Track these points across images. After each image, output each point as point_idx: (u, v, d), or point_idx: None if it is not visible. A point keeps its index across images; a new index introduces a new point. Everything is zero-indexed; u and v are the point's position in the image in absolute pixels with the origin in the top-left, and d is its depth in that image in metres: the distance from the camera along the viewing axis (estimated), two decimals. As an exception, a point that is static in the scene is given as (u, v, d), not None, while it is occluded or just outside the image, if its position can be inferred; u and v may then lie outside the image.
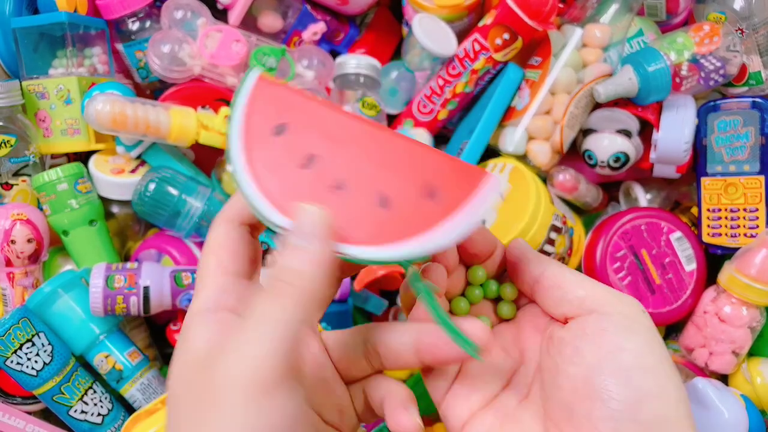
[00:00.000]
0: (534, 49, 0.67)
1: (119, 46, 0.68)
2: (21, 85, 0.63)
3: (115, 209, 0.66)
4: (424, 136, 0.68)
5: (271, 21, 0.68)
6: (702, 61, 0.62)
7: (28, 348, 0.56)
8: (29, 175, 0.63)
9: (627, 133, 0.64)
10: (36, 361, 0.56)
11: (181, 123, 0.60)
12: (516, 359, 0.33)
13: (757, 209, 0.62)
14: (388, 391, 0.32)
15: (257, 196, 0.27)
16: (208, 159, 0.67)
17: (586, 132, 0.66)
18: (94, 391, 0.60)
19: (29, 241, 0.59)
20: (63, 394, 0.58)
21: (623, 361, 0.27)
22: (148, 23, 0.66)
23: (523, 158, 0.65)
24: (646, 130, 0.66)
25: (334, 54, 0.70)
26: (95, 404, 0.59)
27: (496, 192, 0.28)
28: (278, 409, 0.24)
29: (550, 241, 0.62)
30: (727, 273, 0.59)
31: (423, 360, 0.31)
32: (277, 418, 0.24)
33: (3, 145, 0.61)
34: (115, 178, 0.63)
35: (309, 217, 0.26)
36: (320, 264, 0.26)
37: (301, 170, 0.28)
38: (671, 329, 0.68)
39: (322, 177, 0.28)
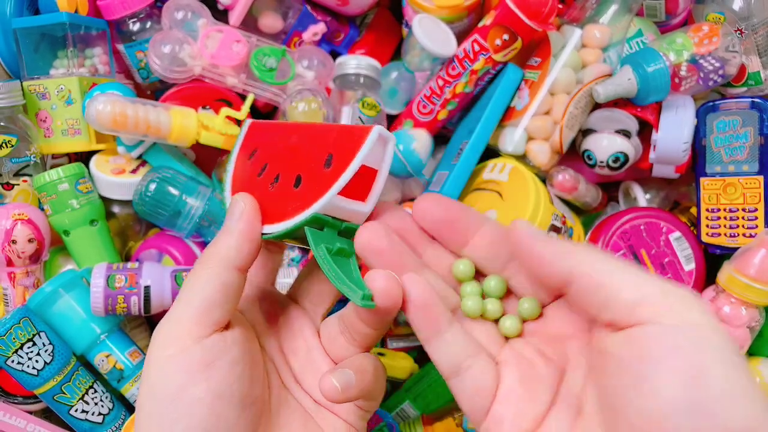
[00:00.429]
0: (533, 50, 0.67)
1: (120, 47, 0.68)
2: (22, 85, 0.63)
3: (115, 209, 0.66)
4: (424, 137, 0.68)
5: (271, 21, 0.68)
6: (701, 61, 0.62)
7: (29, 347, 0.56)
8: (30, 175, 0.63)
9: (626, 134, 0.64)
10: (37, 361, 0.57)
11: (182, 123, 0.60)
12: (557, 364, 0.30)
13: (756, 209, 0.62)
14: (351, 361, 0.33)
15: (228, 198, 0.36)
16: (208, 159, 0.67)
17: (585, 132, 0.66)
18: (95, 391, 0.60)
19: (30, 240, 0.59)
20: (64, 393, 0.58)
21: (712, 390, 0.22)
22: (148, 24, 0.66)
23: (522, 158, 0.65)
24: (646, 131, 0.66)
25: (334, 54, 0.70)
26: (96, 404, 0.59)
27: (375, 137, 0.31)
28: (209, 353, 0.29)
29: (550, 241, 0.62)
30: (726, 273, 0.60)
31: (351, 329, 0.34)
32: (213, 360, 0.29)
33: (4, 145, 0.61)
34: (116, 178, 0.63)
35: (234, 204, 0.33)
36: (238, 236, 0.32)
37: (257, 177, 0.35)
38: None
39: (268, 177, 0.35)
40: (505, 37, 0.63)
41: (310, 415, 0.34)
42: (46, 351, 0.57)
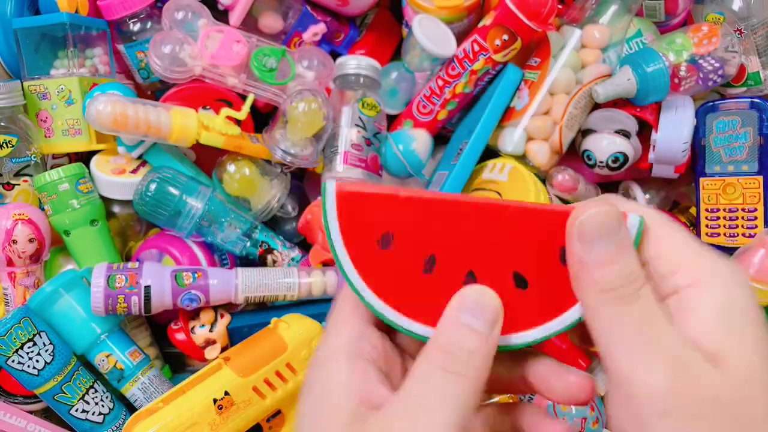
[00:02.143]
0: (533, 50, 0.67)
1: (120, 47, 0.68)
2: (22, 85, 0.63)
3: (116, 209, 0.66)
4: (424, 137, 0.69)
5: (271, 22, 0.68)
6: (700, 61, 0.62)
7: (29, 347, 0.56)
8: (31, 176, 0.63)
9: (626, 134, 0.64)
10: (37, 361, 0.57)
11: (182, 123, 0.60)
12: None
13: (755, 209, 0.62)
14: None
15: (391, 313, 0.28)
16: (208, 159, 0.67)
17: (585, 132, 0.66)
18: (95, 391, 0.60)
19: (31, 240, 0.60)
20: (64, 393, 0.58)
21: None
22: (149, 24, 0.66)
23: (522, 158, 0.65)
24: (645, 131, 0.66)
25: (335, 55, 0.70)
26: (96, 403, 0.59)
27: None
28: None
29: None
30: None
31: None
32: None
33: (4, 145, 0.61)
34: (116, 178, 0.63)
35: (486, 300, 0.26)
36: (491, 348, 0.26)
37: (424, 275, 0.28)
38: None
39: (447, 274, 0.27)
40: (505, 37, 0.64)
41: None
42: (46, 351, 0.57)
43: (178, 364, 0.69)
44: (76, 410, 0.58)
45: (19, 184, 0.63)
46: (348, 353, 0.27)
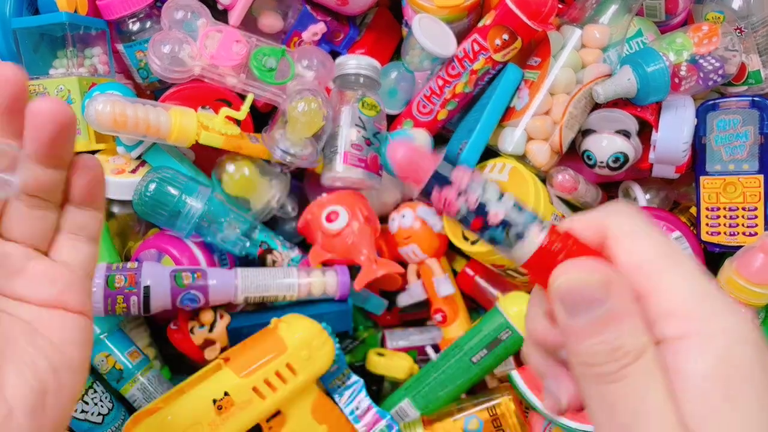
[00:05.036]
0: (533, 50, 0.67)
1: (120, 47, 0.68)
2: (21, 85, 0.63)
3: (115, 209, 0.66)
4: (423, 137, 0.68)
5: (271, 21, 0.68)
6: (701, 61, 0.62)
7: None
8: (30, 176, 0.63)
9: (626, 134, 0.64)
10: (37, 361, 0.56)
11: (182, 123, 0.60)
12: None
13: (755, 208, 0.62)
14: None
15: None
16: (208, 159, 0.67)
17: (585, 132, 0.66)
18: (95, 391, 0.60)
19: (30, 241, 0.59)
20: (64, 393, 0.58)
21: None
22: (148, 24, 0.66)
23: (522, 158, 0.65)
24: (645, 131, 0.66)
25: (334, 54, 0.70)
26: (95, 404, 0.59)
27: None
28: None
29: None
30: (726, 274, 0.60)
31: None
32: None
33: (4, 145, 0.61)
34: (116, 178, 0.63)
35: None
36: None
37: None
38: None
39: None
40: (505, 37, 0.63)
41: (33, 328, 0.29)
42: (45, 351, 0.57)
43: (177, 364, 0.69)
44: (75, 410, 0.58)
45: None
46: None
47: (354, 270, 0.65)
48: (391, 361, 0.67)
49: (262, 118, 0.70)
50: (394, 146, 0.27)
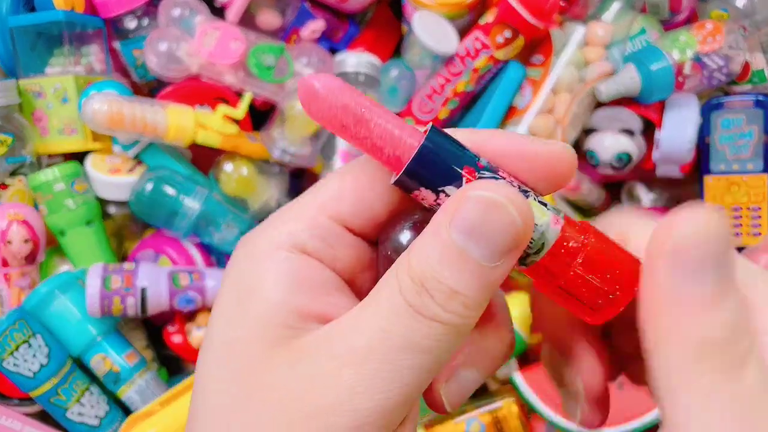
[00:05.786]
0: (536, 48, 0.66)
1: (116, 45, 0.67)
2: (18, 84, 0.63)
3: (112, 209, 0.66)
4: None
5: (269, 18, 0.68)
6: (705, 59, 0.61)
7: (24, 349, 0.56)
8: (26, 175, 0.62)
9: (630, 133, 0.63)
10: (32, 363, 0.56)
11: (179, 122, 0.60)
12: None
13: (760, 207, 0.62)
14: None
15: None
16: (205, 159, 0.67)
17: (588, 131, 0.66)
18: (91, 393, 0.59)
19: (26, 241, 0.59)
20: (60, 396, 0.57)
21: None
22: (145, 21, 0.66)
23: (524, 157, 0.65)
24: (649, 130, 0.65)
25: (334, 52, 0.70)
26: (92, 406, 0.59)
27: None
28: None
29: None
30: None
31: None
32: None
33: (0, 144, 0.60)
34: (112, 177, 0.63)
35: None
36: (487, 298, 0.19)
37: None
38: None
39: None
40: (507, 34, 0.63)
41: None
42: (41, 353, 0.56)
43: (174, 366, 0.68)
44: (72, 413, 0.58)
45: (13, 184, 0.62)
46: (290, 246, 0.20)
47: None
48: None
49: (260, 116, 0.70)
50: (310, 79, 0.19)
